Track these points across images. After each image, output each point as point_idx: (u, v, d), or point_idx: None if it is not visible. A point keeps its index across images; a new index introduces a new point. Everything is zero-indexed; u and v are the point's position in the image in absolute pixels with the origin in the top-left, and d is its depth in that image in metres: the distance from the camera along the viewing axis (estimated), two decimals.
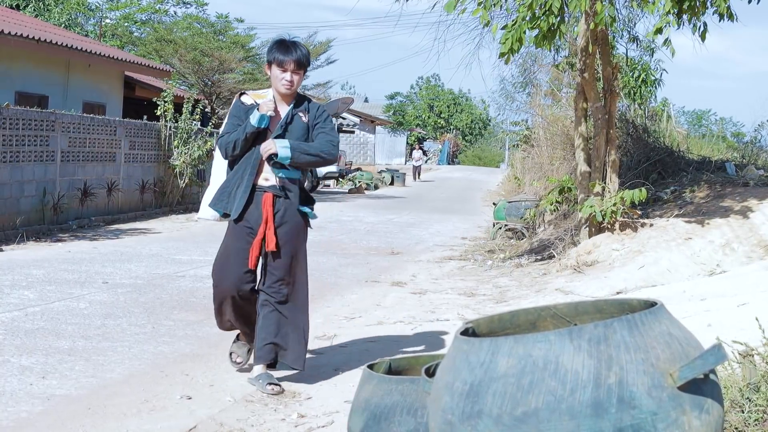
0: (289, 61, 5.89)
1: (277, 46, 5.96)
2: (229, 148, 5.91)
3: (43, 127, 16.02)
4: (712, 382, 2.69)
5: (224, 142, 5.94)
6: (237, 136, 5.86)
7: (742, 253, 10.34)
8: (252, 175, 5.92)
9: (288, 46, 5.93)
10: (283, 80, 5.92)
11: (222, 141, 5.96)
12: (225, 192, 6.00)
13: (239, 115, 5.98)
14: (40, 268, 11.15)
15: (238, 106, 6.04)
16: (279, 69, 5.91)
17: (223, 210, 6.00)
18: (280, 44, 5.96)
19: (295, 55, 5.90)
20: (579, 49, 12.30)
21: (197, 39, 30.55)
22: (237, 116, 5.98)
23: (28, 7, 39.04)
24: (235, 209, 5.91)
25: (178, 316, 8.61)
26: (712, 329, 6.00)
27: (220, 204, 6.01)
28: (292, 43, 5.98)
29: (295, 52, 5.92)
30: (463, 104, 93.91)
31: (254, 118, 5.82)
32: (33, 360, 6.63)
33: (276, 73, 5.94)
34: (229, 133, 5.93)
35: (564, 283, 10.36)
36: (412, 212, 25.20)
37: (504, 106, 32.53)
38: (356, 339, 7.79)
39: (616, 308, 3.11)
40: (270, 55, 5.98)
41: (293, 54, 5.90)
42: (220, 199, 6.02)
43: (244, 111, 5.98)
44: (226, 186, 6.02)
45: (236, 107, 6.05)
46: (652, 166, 15.65)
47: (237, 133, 5.87)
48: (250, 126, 5.82)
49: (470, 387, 2.65)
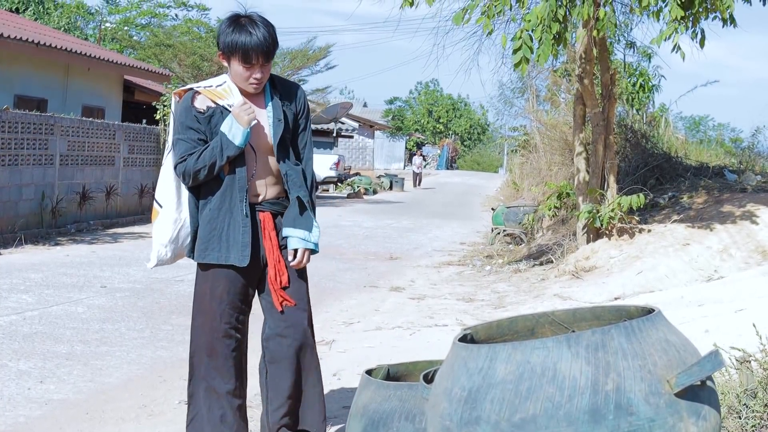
0: (256, 53, 4.28)
1: (234, 29, 4.30)
2: (201, 175, 4.30)
3: (42, 131, 16.03)
4: (709, 389, 2.70)
5: (190, 168, 4.28)
6: (210, 159, 4.26)
7: (739, 259, 10.35)
8: (244, 199, 4.35)
9: (249, 31, 4.27)
10: (251, 79, 4.35)
11: (186, 167, 4.30)
12: (213, 233, 4.37)
13: (196, 126, 4.35)
14: (38, 272, 11.16)
15: (192, 113, 4.35)
16: (242, 64, 4.31)
17: (220, 261, 4.36)
18: (237, 27, 4.30)
19: (259, 42, 4.27)
20: (577, 56, 12.32)
21: (196, 43, 30.54)
22: (193, 128, 4.35)
23: (28, 10, 39.11)
24: (241, 256, 4.34)
25: (176, 321, 8.61)
26: (710, 335, 6.00)
27: (212, 253, 4.36)
28: (251, 22, 4.32)
29: (261, 37, 4.27)
30: (461, 109, 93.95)
31: (238, 136, 4.26)
32: (31, 364, 6.64)
33: (237, 69, 4.34)
34: (193, 154, 4.29)
35: (562, 289, 10.37)
36: (411, 217, 25.21)
37: (503, 111, 32.63)
38: (355, 344, 7.80)
39: (614, 315, 3.12)
40: (225, 43, 4.31)
41: (257, 39, 4.26)
42: (208, 245, 4.37)
43: (203, 121, 4.35)
44: (210, 224, 4.37)
45: (187, 115, 4.36)
46: (650, 172, 15.66)
47: (208, 155, 4.26)
48: (232, 147, 4.26)
49: (468, 393, 2.66)
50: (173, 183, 4.46)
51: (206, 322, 4.38)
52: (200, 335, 4.40)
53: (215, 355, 4.35)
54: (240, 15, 4.37)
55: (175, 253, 4.53)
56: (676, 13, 9.28)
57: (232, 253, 4.33)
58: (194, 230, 4.44)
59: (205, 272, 4.41)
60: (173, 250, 4.52)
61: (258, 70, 4.32)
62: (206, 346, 4.36)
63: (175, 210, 4.46)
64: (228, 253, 4.34)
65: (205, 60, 28.75)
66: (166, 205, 4.47)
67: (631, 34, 18.01)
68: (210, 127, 4.35)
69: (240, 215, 4.33)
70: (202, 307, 4.41)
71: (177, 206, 4.47)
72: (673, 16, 9.30)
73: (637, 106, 20.76)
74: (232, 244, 4.33)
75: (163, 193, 4.48)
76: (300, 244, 4.40)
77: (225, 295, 4.37)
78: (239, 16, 4.36)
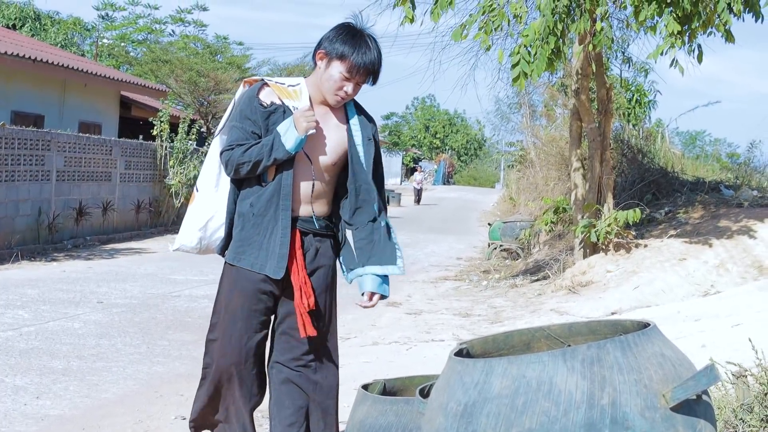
0: (363, 69, 4.05)
1: (349, 38, 4.07)
2: (243, 170, 4.04)
3: (38, 147, 16.03)
4: (704, 403, 2.70)
5: (235, 159, 4.03)
6: (257, 157, 3.98)
7: (736, 274, 10.36)
8: (288, 208, 4.06)
9: (367, 45, 4.06)
10: (341, 90, 4.06)
11: (231, 157, 4.04)
12: (254, 238, 4.09)
13: (255, 118, 4.07)
14: (34, 288, 11.14)
15: (254, 103, 4.09)
16: (342, 73, 4.02)
17: (253, 268, 4.06)
18: (355, 37, 4.08)
19: (372, 61, 4.06)
20: (574, 71, 12.37)
21: (193, 59, 30.61)
22: (251, 119, 4.08)
23: (25, 26, 39.17)
24: (276, 268, 4.04)
25: (173, 336, 8.60)
26: (706, 350, 6.01)
27: (244, 258, 4.08)
28: (370, 39, 4.10)
29: (373, 57, 4.07)
30: (458, 125, 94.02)
31: (290, 141, 3.96)
32: (27, 380, 6.62)
33: (334, 75, 4.03)
34: (241, 145, 4.03)
35: (559, 304, 10.37)
36: (408, 232, 25.19)
37: (499, 126, 32.69)
38: (351, 359, 7.78)
39: (610, 329, 3.12)
40: (334, 47, 4.06)
41: (370, 58, 4.06)
42: (246, 249, 4.09)
43: (262, 114, 4.07)
44: (253, 227, 4.08)
45: (250, 105, 4.10)
46: (647, 187, 15.70)
47: (256, 151, 3.99)
48: (282, 150, 3.96)
49: (464, 407, 2.66)
50: (215, 169, 4.26)
51: (226, 333, 4.11)
52: (218, 348, 4.15)
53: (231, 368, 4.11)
54: (359, 27, 4.13)
55: (201, 243, 4.26)
56: (672, 28, 9.31)
57: (269, 262, 4.04)
58: (228, 226, 4.18)
59: (231, 276, 4.13)
60: (199, 240, 4.25)
61: (352, 86, 4.05)
62: (224, 360, 4.11)
63: (212, 196, 4.25)
64: (265, 262, 4.05)
65: (202, 76, 28.81)
66: (203, 191, 4.28)
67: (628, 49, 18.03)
68: (267, 123, 4.07)
69: (281, 225, 4.04)
70: (223, 317, 4.14)
71: (214, 192, 4.25)
72: (670, 30, 9.34)
73: (633, 122, 20.82)
74: (270, 254, 4.04)
75: (204, 178, 4.29)
76: (375, 287, 4.26)
77: (248, 305, 4.08)
78: (358, 28, 4.12)
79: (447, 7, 10.39)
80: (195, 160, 21.68)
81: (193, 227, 4.24)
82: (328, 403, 4.20)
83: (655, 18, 9.69)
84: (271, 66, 31.50)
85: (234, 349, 4.08)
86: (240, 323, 4.08)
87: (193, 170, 21.34)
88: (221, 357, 4.12)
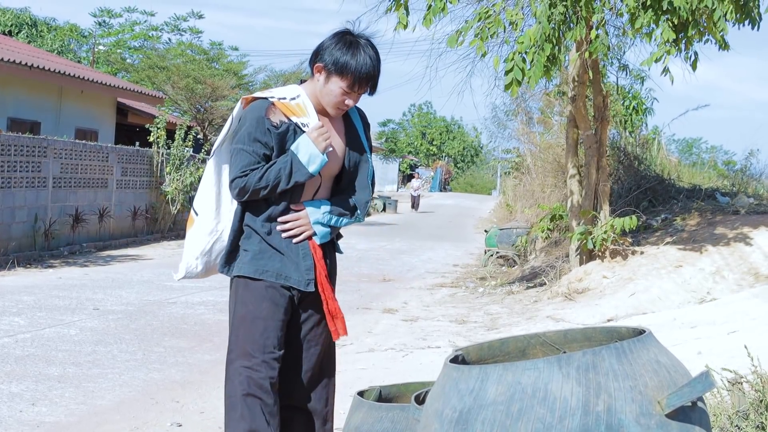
0: (363, 82, 3.88)
1: (348, 51, 3.87)
2: (261, 194, 3.82)
3: (35, 153, 16.03)
4: (700, 410, 2.70)
5: (251, 185, 3.79)
6: (275, 181, 3.78)
7: (732, 281, 10.37)
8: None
9: (366, 56, 3.87)
10: (343, 105, 3.92)
11: (247, 183, 3.80)
12: (265, 250, 3.86)
13: (265, 140, 3.83)
14: (30, 295, 11.13)
15: (263, 124, 3.83)
16: (343, 89, 3.86)
17: (279, 280, 3.83)
18: (353, 47, 3.88)
19: (372, 74, 3.89)
20: (570, 78, 12.38)
21: (190, 66, 30.61)
22: (261, 142, 3.83)
23: (21, 33, 39.21)
24: (306, 279, 3.87)
25: (169, 343, 8.59)
26: (702, 357, 6.01)
27: (268, 270, 3.83)
28: (369, 46, 3.92)
29: (374, 66, 3.88)
30: (455, 132, 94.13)
31: (314, 163, 3.81)
32: (23, 387, 6.61)
33: (334, 90, 3.87)
34: (255, 170, 3.80)
35: (555, 311, 10.37)
36: (404, 239, 25.20)
37: (496, 133, 32.69)
38: (347, 366, 7.77)
39: (605, 336, 3.12)
40: (337, 61, 3.85)
41: (370, 70, 3.87)
42: (261, 262, 3.85)
43: (276, 136, 3.84)
44: (272, 238, 3.86)
45: (258, 126, 3.83)
46: (643, 194, 15.72)
47: (273, 175, 3.78)
48: (304, 173, 3.80)
49: (459, 414, 2.66)
50: (213, 190, 4.01)
51: (247, 353, 3.77)
52: (241, 371, 3.76)
53: (256, 392, 3.73)
54: (355, 34, 3.93)
55: (207, 267, 4.03)
56: (667, 35, 9.33)
57: (293, 274, 3.84)
58: (232, 243, 3.91)
59: (248, 292, 3.84)
60: (205, 264, 4.02)
61: (354, 98, 3.91)
62: (247, 384, 3.73)
63: (213, 219, 4.00)
64: (289, 273, 3.83)
65: (198, 82, 28.81)
66: (203, 214, 4.01)
67: (624, 57, 18.09)
68: (280, 144, 3.84)
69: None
70: (242, 336, 3.81)
71: (215, 216, 4.00)
72: (665, 38, 9.36)
73: (630, 129, 20.84)
74: (296, 266, 3.84)
75: (202, 200, 4.03)
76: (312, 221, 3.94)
77: (270, 321, 3.81)
78: (354, 36, 3.92)
79: (440, 13, 10.40)
80: (191, 167, 21.68)
81: (196, 252, 4.01)
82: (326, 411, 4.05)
83: (651, 25, 9.71)
84: (268, 73, 31.51)
85: (268, 364, 3.76)
86: (271, 334, 3.80)
87: (189, 177, 21.34)
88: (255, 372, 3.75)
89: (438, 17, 10.47)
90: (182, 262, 4.04)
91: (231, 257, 3.91)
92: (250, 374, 3.73)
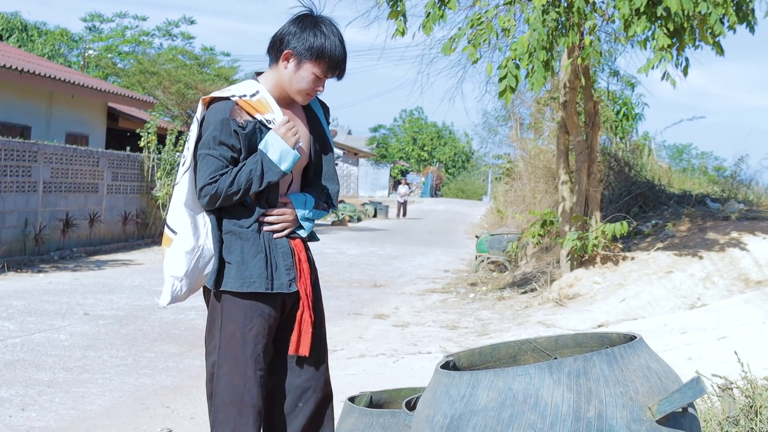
0: (337, 66, 3.73)
1: (318, 35, 3.68)
2: (233, 199, 3.64)
3: (25, 158, 15.99)
4: (690, 416, 2.70)
5: (223, 190, 3.61)
6: (246, 183, 3.61)
7: (722, 287, 10.40)
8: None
9: (335, 39, 3.70)
10: (314, 91, 3.76)
11: (218, 189, 3.61)
12: (258, 257, 3.67)
13: (232, 143, 3.63)
14: (20, 299, 11.10)
15: (228, 126, 3.62)
16: (316, 73, 3.69)
17: (268, 288, 3.65)
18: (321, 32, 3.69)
19: (343, 57, 3.74)
20: (561, 84, 12.41)
21: (181, 71, 30.60)
22: (227, 145, 3.62)
23: (11, 37, 39.13)
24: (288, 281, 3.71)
25: (159, 348, 8.58)
26: (693, 362, 6.02)
27: (257, 281, 3.64)
28: (333, 27, 3.74)
29: (342, 49, 3.72)
30: (446, 137, 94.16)
31: (287, 161, 3.65)
32: (12, 392, 6.59)
33: (307, 77, 3.69)
34: (224, 174, 3.61)
35: (546, 316, 10.38)
36: (395, 245, 25.20)
37: (487, 139, 32.72)
38: (338, 372, 7.76)
39: (596, 342, 3.13)
40: (311, 46, 3.66)
41: (342, 54, 3.72)
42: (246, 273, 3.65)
43: (243, 137, 3.64)
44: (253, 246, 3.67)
45: (223, 128, 3.62)
46: (634, 200, 15.75)
47: (243, 177, 3.60)
48: (276, 172, 3.64)
49: (450, 420, 2.66)
50: (188, 204, 3.71)
51: (237, 369, 3.63)
52: (229, 387, 3.63)
53: (245, 408, 3.61)
54: (320, 17, 3.73)
55: (191, 287, 3.77)
56: (663, 42, 9.35)
57: (276, 280, 3.66)
58: (219, 261, 3.67)
59: (236, 307, 3.66)
60: (189, 284, 3.74)
61: (323, 84, 3.73)
62: (237, 400, 3.61)
63: (192, 236, 3.69)
64: (272, 280, 3.65)
65: (189, 88, 28.80)
66: (181, 232, 3.69)
67: (615, 63, 18.14)
68: (248, 143, 3.64)
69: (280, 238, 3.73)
70: (232, 352, 3.64)
71: (194, 232, 3.70)
72: (661, 44, 9.38)
73: (620, 135, 20.88)
74: (276, 270, 3.67)
75: (177, 217, 3.71)
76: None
77: (260, 336, 3.65)
78: (320, 19, 3.72)
79: (439, 20, 10.41)
80: None
81: (179, 274, 3.71)
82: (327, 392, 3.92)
83: (645, 32, 9.74)
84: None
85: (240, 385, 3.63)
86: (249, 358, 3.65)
87: None
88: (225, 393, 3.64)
89: (438, 24, 10.48)
90: (165, 286, 3.75)
91: (220, 275, 3.68)
92: (242, 392, 3.62)
